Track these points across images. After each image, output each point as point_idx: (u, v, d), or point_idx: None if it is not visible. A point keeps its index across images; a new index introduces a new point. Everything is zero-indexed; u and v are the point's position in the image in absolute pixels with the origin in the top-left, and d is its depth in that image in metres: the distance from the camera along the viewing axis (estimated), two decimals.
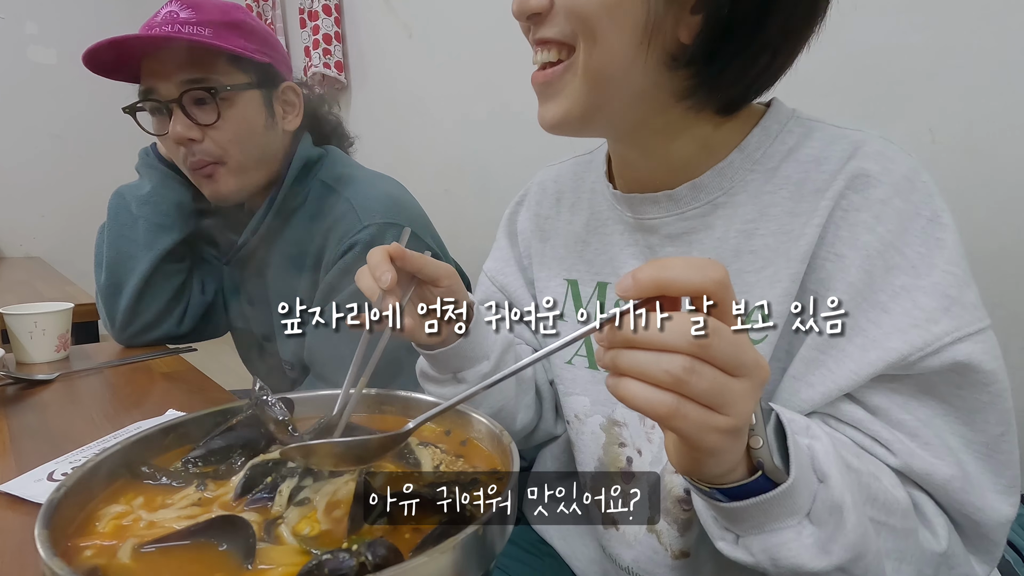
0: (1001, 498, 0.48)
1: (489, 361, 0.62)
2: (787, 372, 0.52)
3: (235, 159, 0.96)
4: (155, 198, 1.05)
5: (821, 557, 0.41)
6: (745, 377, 0.35)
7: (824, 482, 0.41)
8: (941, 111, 0.94)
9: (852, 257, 0.49)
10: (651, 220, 0.59)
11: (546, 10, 0.51)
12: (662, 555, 0.59)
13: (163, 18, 0.90)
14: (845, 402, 0.50)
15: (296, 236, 1.00)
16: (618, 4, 0.48)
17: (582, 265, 0.66)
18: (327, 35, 2.50)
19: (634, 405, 0.35)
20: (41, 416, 0.81)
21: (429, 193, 1.13)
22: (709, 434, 0.35)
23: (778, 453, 0.40)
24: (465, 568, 0.35)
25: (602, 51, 0.49)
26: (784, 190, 0.53)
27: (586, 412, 0.64)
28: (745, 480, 0.40)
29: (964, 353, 0.45)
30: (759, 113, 0.56)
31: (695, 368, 0.33)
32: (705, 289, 0.34)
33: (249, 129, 0.96)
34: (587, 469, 0.65)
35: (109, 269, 1.06)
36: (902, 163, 0.49)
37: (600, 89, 0.51)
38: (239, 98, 0.94)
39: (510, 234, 0.75)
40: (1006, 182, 0.89)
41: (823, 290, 0.50)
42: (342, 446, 0.43)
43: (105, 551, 0.38)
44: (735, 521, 0.43)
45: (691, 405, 0.34)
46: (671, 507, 0.57)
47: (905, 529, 0.46)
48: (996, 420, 0.47)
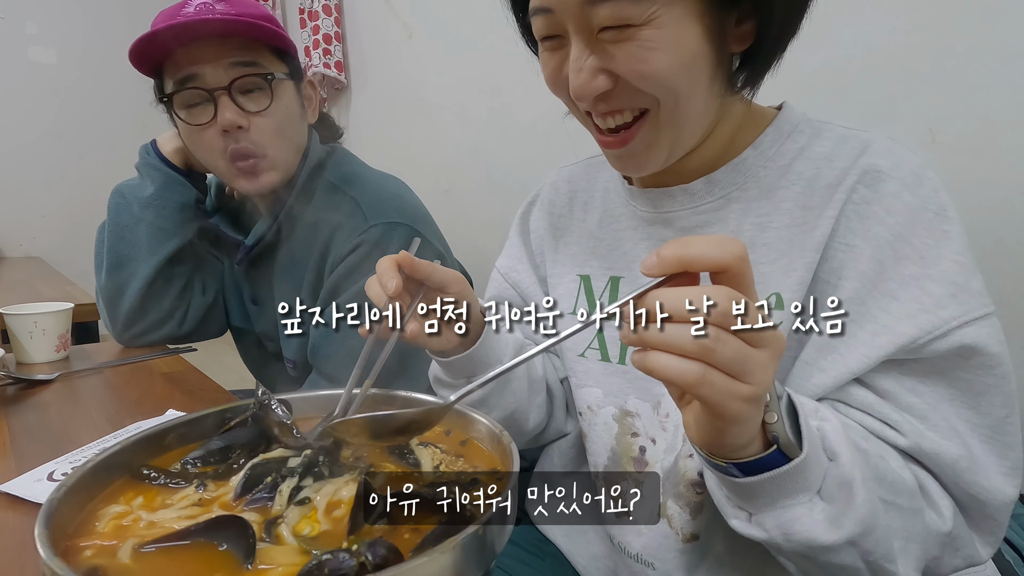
0: (1006, 479, 0.49)
1: (503, 365, 0.63)
2: (799, 358, 0.54)
3: (276, 150, 0.94)
4: (158, 201, 1.03)
5: (833, 531, 0.42)
6: (765, 347, 0.37)
7: (834, 460, 0.43)
8: (941, 111, 0.94)
9: (863, 247, 0.51)
10: (667, 214, 0.61)
11: (610, 87, 0.52)
12: (673, 540, 0.59)
13: (197, 8, 0.88)
14: (855, 387, 0.51)
15: (303, 235, 0.99)
16: (692, 58, 0.50)
17: (595, 260, 0.67)
18: (327, 35, 2.50)
19: (663, 375, 0.36)
20: (41, 416, 0.81)
21: (429, 192, 1.13)
22: (733, 401, 0.37)
23: (791, 430, 0.42)
24: (465, 568, 0.35)
25: (685, 104, 0.52)
26: (796, 185, 0.55)
27: (599, 403, 0.65)
28: (761, 454, 0.42)
29: (970, 336, 0.47)
30: (771, 115, 0.59)
31: (721, 337, 0.35)
32: (726, 264, 0.36)
33: (290, 119, 0.96)
34: (599, 460, 0.66)
35: (111, 272, 1.05)
36: (910, 160, 0.52)
37: (685, 130, 0.54)
38: (282, 87, 0.94)
39: (523, 232, 0.77)
40: (1006, 182, 0.89)
41: (835, 279, 0.52)
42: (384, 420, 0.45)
43: (105, 551, 0.38)
44: (749, 498, 0.44)
45: (716, 373, 0.36)
46: (684, 491, 0.58)
47: (912, 509, 0.47)
48: (1001, 402, 0.49)
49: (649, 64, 0.49)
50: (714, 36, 0.50)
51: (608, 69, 0.51)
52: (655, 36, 0.48)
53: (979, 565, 0.52)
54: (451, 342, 0.59)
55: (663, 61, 0.49)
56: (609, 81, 0.51)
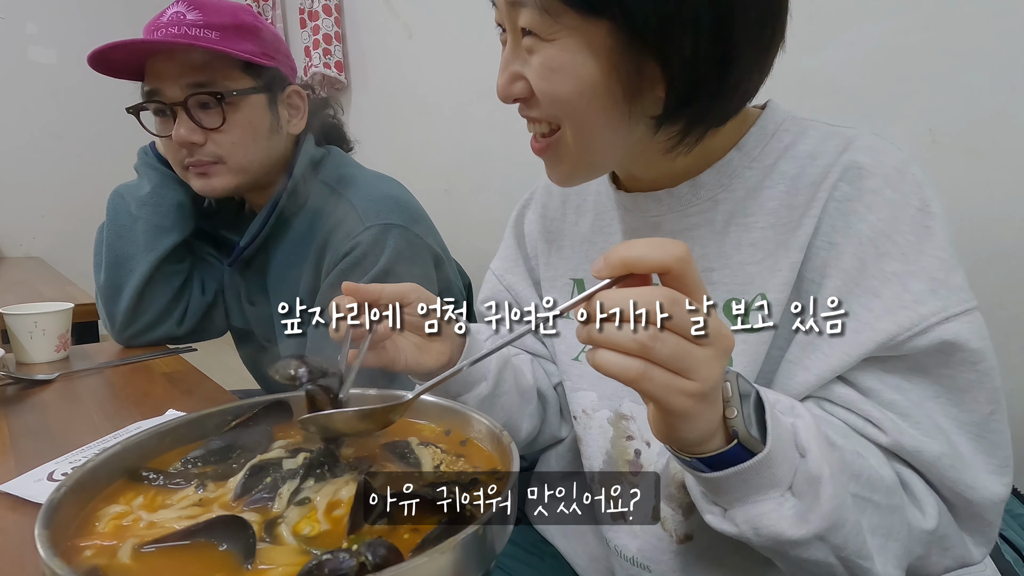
0: (994, 478, 0.49)
1: (487, 382, 0.64)
2: (784, 356, 0.54)
3: (236, 161, 0.96)
4: (155, 199, 1.05)
5: (799, 526, 0.43)
6: (709, 345, 0.37)
7: (804, 456, 0.43)
8: (941, 111, 0.94)
9: (845, 245, 0.51)
10: (653, 218, 0.60)
11: (528, 95, 0.53)
12: (667, 542, 0.59)
13: (169, 19, 0.89)
14: (838, 384, 0.51)
15: (298, 237, 1.00)
16: (591, 89, 0.50)
17: (588, 265, 0.67)
18: (327, 35, 2.50)
19: (608, 372, 0.38)
20: (41, 416, 0.81)
21: (429, 193, 1.13)
22: (676, 397, 0.38)
23: (756, 427, 0.43)
24: (465, 568, 0.35)
25: (586, 129, 0.52)
26: (781, 184, 0.55)
27: (594, 407, 0.65)
28: (722, 448, 0.42)
29: (951, 332, 0.47)
30: (755, 115, 0.58)
31: (658, 336, 0.36)
32: (667, 265, 0.37)
33: (253, 133, 0.96)
34: (594, 464, 0.66)
35: (109, 270, 1.05)
36: (892, 156, 0.52)
37: (594, 154, 0.55)
38: (244, 102, 0.94)
39: (517, 235, 0.77)
40: (1006, 182, 0.89)
41: (819, 278, 0.52)
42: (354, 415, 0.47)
43: (105, 551, 0.38)
44: (720, 493, 0.45)
45: (657, 369, 0.37)
46: (675, 492, 0.58)
47: (890, 505, 0.47)
48: (985, 399, 0.49)
49: (549, 83, 0.51)
50: (620, 77, 0.49)
51: (525, 76, 0.53)
52: (557, 58, 0.50)
53: (973, 566, 0.52)
54: (438, 359, 0.59)
55: (561, 84, 0.50)
56: (525, 88, 0.53)
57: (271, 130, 0.98)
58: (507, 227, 0.78)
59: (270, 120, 0.97)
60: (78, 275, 2.16)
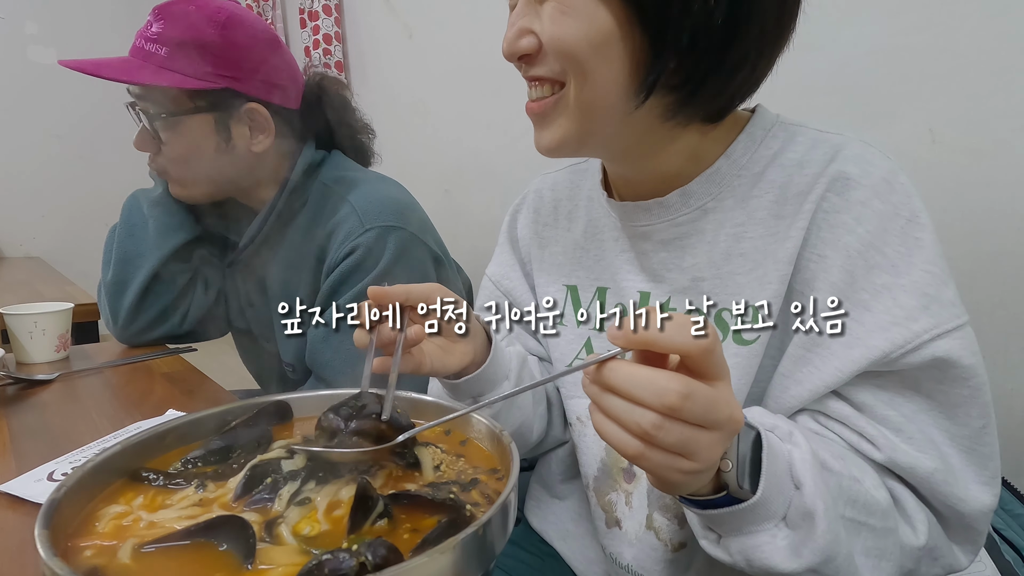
0: (984, 489, 0.49)
1: (509, 381, 0.63)
2: (777, 370, 0.54)
3: (180, 176, 0.99)
4: (166, 199, 1.06)
5: (792, 559, 0.43)
6: (716, 430, 0.37)
7: (799, 488, 0.43)
8: (941, 111, 0.94)
9: (834, 258, 0.50)
10: (643, 227, 0.60)
11: (536, 50, 0.53)
12: (661, 551, 0.59)
13: (143, 27, 0.91)
14: (832, 399, 0.51)
15: (298, 239, 1.00)
16: (605, 41, 0.49)
17: (581, 271, 0.67)
18: (327, 35, 2.50)
19: (607, 441, 0.38)
20: (41, 416, 0.81)
21: (429, 193, 1.13)
22: (673, 474, 0.38)
23: (750, 467, 0.43)
24: (465, 568, 0.35)
25: (592, 86, 0.51)
26: (770, 194, 0.54)
27: (588, 415, 0.64)
28: (712, 496, 0.43)
29: (943, 349, 0.47)
30: (744, 120, 0.57)
31: (663, 425, 0.36)
32: (687, 352, 0.36)
33: (195, 152, 0.96)
34: (590, 471, 0.66)
35: (117, 266, 1.06)
36: (881, 165, 0.51)
37: (591, 118, 0.53)
38: (180, 124, 0.94)
39: (511, 240, 0.76)
40: (1006, 182, 0.88)
41: (808, 290, 0.52)
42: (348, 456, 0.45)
43: (105, 551, 0.38)
44: (714, 524, 0.45)
45: (657, 452, 0.37)
46: (669, 501, 0.58)
47: (884, 528, 0.47)
48: (977, 413, 0.49)
49: (560, 27, 0.50)
50: (630, 31, 0.49)
51: (534, 30, 0.52)
52: (571, 2, 0.49)
53: (959, 572, 0.52)
54: (470, 368, 0.59)
55: (573, 28, 0.49)
56: (533, 43, 0.52)
57: (219, 150, 0.95)
58: (500, 232, 0.78)
59: (216, 140, 0.95)
60: (78, 275, 2.16)
